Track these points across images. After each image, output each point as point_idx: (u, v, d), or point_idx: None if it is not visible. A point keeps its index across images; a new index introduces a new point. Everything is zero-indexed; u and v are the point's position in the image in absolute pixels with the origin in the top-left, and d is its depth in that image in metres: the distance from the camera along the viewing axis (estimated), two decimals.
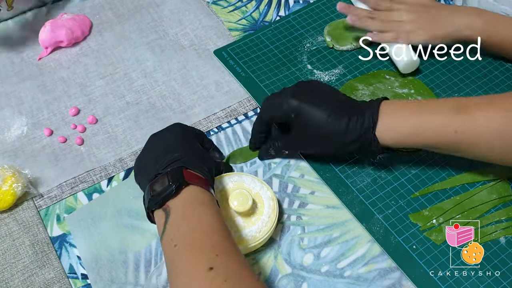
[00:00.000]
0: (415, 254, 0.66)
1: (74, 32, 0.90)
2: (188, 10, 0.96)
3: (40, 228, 0.71)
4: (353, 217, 0.69)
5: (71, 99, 0.84)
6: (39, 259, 0.68)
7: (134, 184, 0.68)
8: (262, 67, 0.86)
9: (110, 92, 0.84)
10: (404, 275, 0.65)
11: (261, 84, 0.83)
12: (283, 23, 0.92)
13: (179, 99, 0.83)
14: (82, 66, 0.88)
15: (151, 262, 0.67)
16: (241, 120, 0.81)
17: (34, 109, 0.83)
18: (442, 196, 0.70)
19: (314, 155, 0.74)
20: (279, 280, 0.66)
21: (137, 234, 0.70)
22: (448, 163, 0.73)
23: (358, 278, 0.65)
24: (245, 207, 0.65)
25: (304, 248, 0.68)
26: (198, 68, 0.87)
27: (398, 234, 0.67)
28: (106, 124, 0.81)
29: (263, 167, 0.75)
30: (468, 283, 0.63)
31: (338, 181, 0.72)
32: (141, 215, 0.71)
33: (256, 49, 0.88)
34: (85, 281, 0.67)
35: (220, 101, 0.83)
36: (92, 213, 0.71)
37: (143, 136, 0.79)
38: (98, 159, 0.77)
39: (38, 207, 0.73)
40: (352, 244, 0.68)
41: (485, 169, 0.71)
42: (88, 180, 0.75)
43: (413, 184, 0.72)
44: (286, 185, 0.73)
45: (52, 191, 0.74)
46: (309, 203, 0.72)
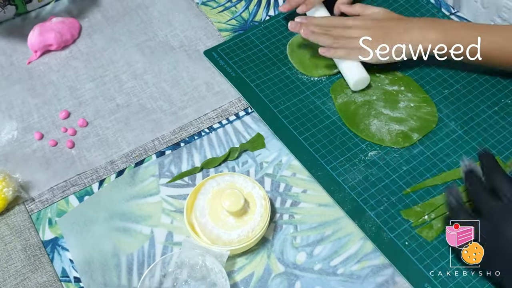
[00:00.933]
0: (408, 251, 0.66)
1: (63, 36, 0.90)
2: (177, 11, 0.95)
3: (32, 232, 0.70)
4: (345, 215, 0.70)
5: (61, 102, 0.84)
6: (31, 263, 0.68)
7: (125, 186, 0.68)
8: (253, 67, 0.86)
9: (100, 95, 0.84)
10: (396, 271, 0.65)
11: (251, 83, 0.83)
12: (273, 23, 0.92)
13: (169, 100, 0.83)
14: (72, 69, 0.88)
15: (144, 264, 0.67)
16: (232, 120, 0.81)
17: (24, 113, 0.83)
18: (433, 192, 0.71)
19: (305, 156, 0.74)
20: (272, 279, 0.66)
21: (129, 236, 0.69)
22: (440, 160, 0.73)
23: (351, 275, 0.65)
24: (237, 206, 0.65)
25: (297, 246, 0.68)
26: (188, 69, 0.87)
27: (390, 231, 0.68)
28: (96, 127, 0.81)
29: (255, 167, 0.75)
30: (460, 279, 0.64)
31: (329, 179, 0.72)
32: (133, 217, 0.71)
33: (246, 49, 0.88)
34: (78, 285, 0.67)
35: (211, 102, 0.83)
36: (84, 217, 0.71)
37: (134, 138, 0.79)
38: (89, 162, 0.77)
39: (29, 211, 0.72)
40: (345, 242, 0.68)
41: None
42: (80, 183, 0.75)
43: (405, 180, 0.72)
44: (278, 184, 0.73)
45: (43, 194, 0.74)
46: (301, 202, 0.72)
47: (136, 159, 0.77)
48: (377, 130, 0.77)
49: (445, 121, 0.78)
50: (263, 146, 0.77)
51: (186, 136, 0.79)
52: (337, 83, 0.82)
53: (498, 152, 0.74)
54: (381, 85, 0.82)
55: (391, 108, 0.79)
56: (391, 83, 0.82)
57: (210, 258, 0.63)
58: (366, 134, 0.76)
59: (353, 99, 0.80)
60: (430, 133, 0.77)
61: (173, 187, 0.74)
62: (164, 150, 0.78)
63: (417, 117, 0.78)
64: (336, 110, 0.80)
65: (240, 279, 0.66)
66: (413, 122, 0.77)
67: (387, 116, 0.78)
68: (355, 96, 0.80)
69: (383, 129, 0.77)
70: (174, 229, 0.70)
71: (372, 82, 0.81)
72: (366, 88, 0.81)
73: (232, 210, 0.65)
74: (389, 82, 0.82)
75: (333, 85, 0.82)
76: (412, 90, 0.81)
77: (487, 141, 0.75)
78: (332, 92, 0.81)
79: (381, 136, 0.76)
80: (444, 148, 0.75)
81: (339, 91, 0.81)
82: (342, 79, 0.82)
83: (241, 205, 0.65)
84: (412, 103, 0.79)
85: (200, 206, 0.68)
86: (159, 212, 0.71)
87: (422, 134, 0.76)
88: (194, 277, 0.64)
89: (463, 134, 0.76)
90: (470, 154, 0.74)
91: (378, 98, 0.80)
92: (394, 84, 0.82)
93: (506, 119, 0.77)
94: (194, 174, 0.75)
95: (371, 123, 0.78)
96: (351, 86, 0.80)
